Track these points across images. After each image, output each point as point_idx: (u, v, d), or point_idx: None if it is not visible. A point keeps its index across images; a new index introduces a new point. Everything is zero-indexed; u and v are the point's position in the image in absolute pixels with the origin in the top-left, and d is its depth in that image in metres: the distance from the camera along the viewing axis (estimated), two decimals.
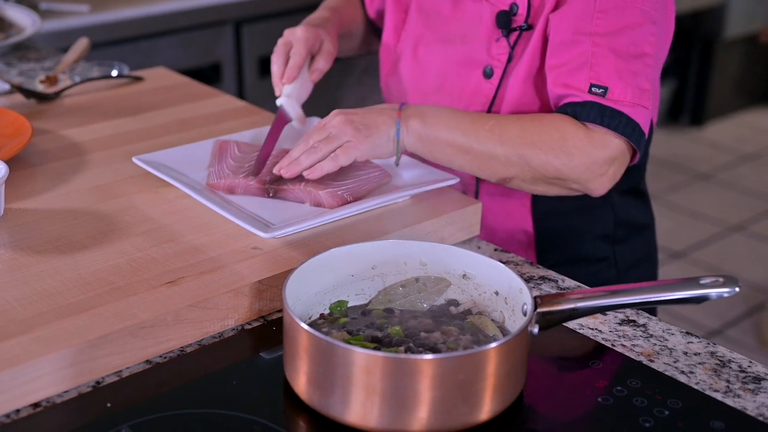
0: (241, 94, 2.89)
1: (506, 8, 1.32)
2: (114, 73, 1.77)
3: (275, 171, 1.24)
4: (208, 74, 2.81)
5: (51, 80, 1.71)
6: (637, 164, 1.34)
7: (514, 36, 1.32)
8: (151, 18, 2.67)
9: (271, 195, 1.25)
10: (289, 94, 1.37)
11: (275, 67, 1.39)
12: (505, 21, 1.32)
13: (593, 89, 1.21)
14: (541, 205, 1.40)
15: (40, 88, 1.69)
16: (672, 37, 1.33)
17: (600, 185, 1.23)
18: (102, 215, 1.21)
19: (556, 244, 1.42)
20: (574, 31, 1.24)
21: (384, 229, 1.20)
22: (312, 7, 1.50)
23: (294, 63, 1.38)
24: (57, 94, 1.64)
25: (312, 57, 1.42)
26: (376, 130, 1.22)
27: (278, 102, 1.37)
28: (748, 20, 4.56)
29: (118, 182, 1.30)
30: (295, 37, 1.40)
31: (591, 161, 1.21)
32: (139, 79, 1.75)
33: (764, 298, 3.17)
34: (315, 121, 1.47)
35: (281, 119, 1.36)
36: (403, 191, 1.25)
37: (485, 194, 1.41)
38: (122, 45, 2.61)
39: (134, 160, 1.30)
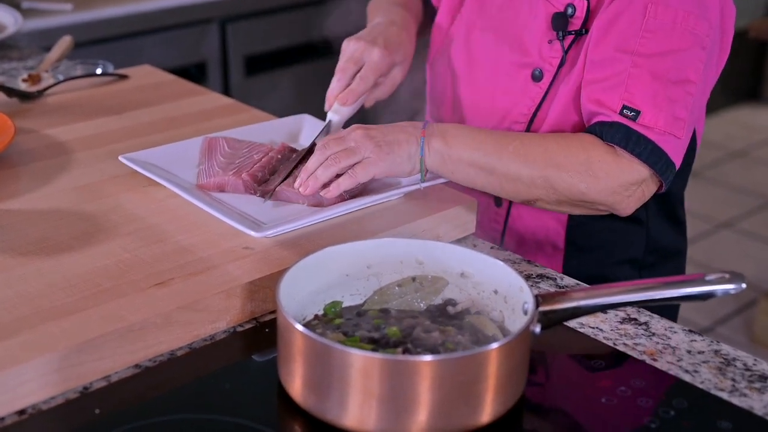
0: (226, 93, 2.86)
1: (561, 9, 1.26)
2: (98, 71, 1.74)
3: (296, 186, 1.19)
4: (193, 73, 2.77)
5: (34, 79, 1.68)
6: (675, 191, 1.27)
7: (568, 40, 1.27)
8: (135, 16, 2.64)
9: (264, 196, 1.22)
10: (338, 112, 1.34)
11: (337, 84, 1.33)
12: (561, 23, 1.26)
13: (625, 111, 1.16)
14: (576, 221, 1.35)
15: (23, 86, 1.66)
16: (726, 61, 1.27)
17: (627, 206, 1.19)
18: (88, 215, 1.18)
19: (583, 262, 1.37)
20: (617, 47, 1.19)
21: (377, 227, 1.17)
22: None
23: (356, 88, 1.32)
24: (40, 93, 1.60)
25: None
26: (397, 147, 1.18)
27: (329, 117, 1.34)
28: (736, 16, 4.56)
29: (104, 182, 1.27)
30: (370, 59, 1.34)
31: (617, 184, 1.17)
32: (124, 77, 1.71)
33: (754, 295, 3.16)
34: (306, 118, 1.44)
35: (326, 131, 1.34)
36: (397, 189, 1.23)
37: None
38: (106, 44, 2.58)
39: (121, 158, 1.27)
